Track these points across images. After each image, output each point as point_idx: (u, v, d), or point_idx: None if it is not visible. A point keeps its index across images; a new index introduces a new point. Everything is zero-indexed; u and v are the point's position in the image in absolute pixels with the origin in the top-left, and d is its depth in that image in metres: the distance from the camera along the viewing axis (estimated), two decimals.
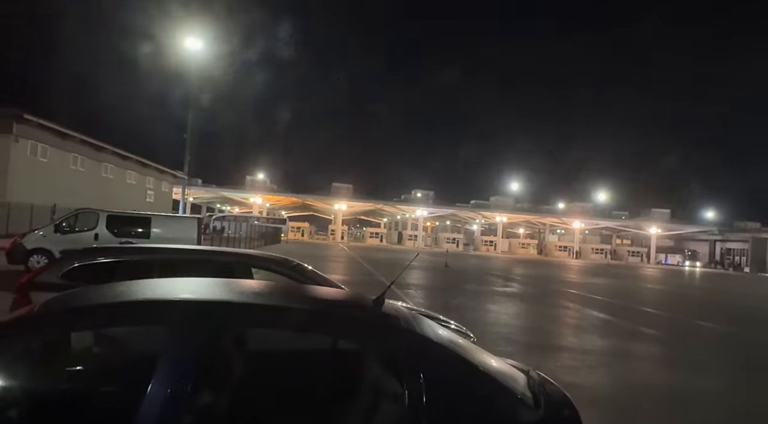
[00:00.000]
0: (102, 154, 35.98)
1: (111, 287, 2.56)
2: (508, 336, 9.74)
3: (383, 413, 2.15)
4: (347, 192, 76.37)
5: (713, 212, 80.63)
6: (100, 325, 2.31)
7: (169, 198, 50.54)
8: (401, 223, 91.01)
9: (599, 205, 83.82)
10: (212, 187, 76.27)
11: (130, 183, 40.99)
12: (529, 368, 2.61)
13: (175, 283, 2.66)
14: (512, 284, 22.40)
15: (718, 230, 77.14)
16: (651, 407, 6.19)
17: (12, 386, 2.07)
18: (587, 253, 76.46)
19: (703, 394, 6.77)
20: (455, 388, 2.07)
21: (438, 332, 2.40)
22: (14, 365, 2.14)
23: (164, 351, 1.99)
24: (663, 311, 16.08)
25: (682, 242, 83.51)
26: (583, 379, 6.96)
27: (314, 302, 2.62)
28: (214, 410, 2.13)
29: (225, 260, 5.57)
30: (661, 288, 27.54)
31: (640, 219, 79.86)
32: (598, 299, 17.90)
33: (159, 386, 1.88)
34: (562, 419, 2.23)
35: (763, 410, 6.22)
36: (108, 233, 14.53)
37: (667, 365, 8.53)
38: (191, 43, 26.21)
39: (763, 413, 6.13)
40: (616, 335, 10.77)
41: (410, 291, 15.89)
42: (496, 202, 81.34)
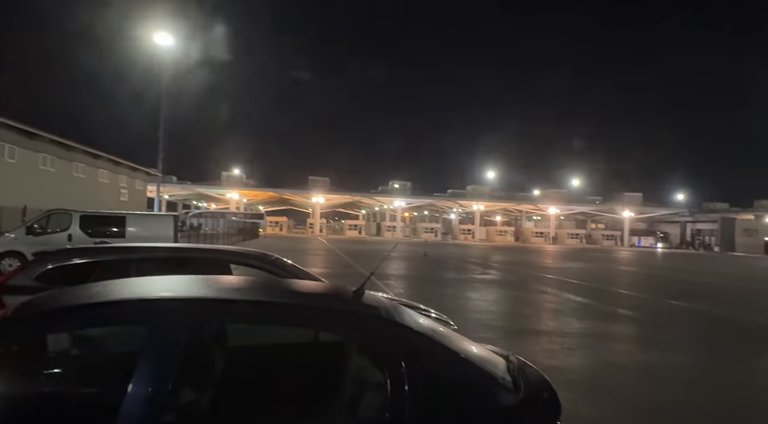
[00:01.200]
0: (72, 153, 35.11)
1: (87, 287, 2.53)
2: (488, 322, 9.87)
3: (366, 402, 2.18)
4: (324, 185, 76.01)
5: (683, 194, 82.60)
6: (77, 326, 2.28)
7: (144, 196, 49.65)
8: (379, 214, 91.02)
9: (574, 191, 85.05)
10: (187, 184, 75.14)
11: (102, 182, 40.13)
12: (509, 353, 2.66)
13: (152, 281, 2.64)
14: (490, 271, 22.65)
15: (688, 211, 79.00)
16: (628, 385, 6.37)
17: None
18: (563, 238, 77.61)
19: (676, 371, 6.97)
20: (437, 375, 2.11)
21: (418, 321, 2.43)
22: None
23: (144, 350, 1.98)
24: (637, 293, 16.46)
25: (654, 225, 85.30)
26: (562, 361, 7.10)
27: (294, 296, 2.62)
28: (196, 407, 2.13)
29: (203, 256, 5.52)
30: (634, 270, 28.15)
31: (613, 203, 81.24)
32: (575, 283, 18.23)
33: (139, 386, 1.88)
34: (541, 401, 2.28)
35: (731, 384, 6.44)
36: (82, 233, 14.26)
37: (642, 344, 8.75)
38: (162, 38, 25.71)
39: (731, 386, 6.35)
40: (593, 317, 11.00)
41: (390, 282, 15.96)
42: (472, 190, 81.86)
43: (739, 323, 11.12)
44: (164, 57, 26.66)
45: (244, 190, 75.14)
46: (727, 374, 6.93)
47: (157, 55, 26.41)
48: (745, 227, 70.73)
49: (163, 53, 26.37)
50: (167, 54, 26.60)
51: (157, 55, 26.43)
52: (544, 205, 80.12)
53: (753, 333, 9.96)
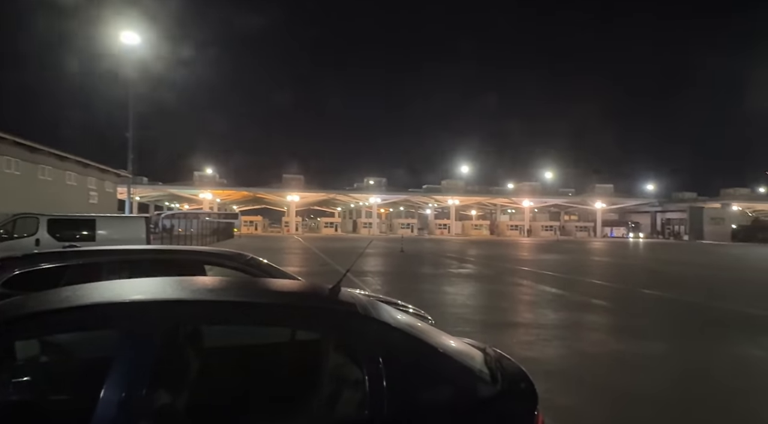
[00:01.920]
0: (37, 155, 34.14)
1: (55, 292, 2.47)
2: (466, 316, 9.95)
3: (345, 400, 2.18)
4: (299, 183, 75.54)
5: (653, 184, 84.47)
6: (46, 332, 2.23)
7: (114, 198, 48.63)
8: (355, 211, 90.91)
9: (547, 184, 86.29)
10: (159, 184, 73.83)
11: (70, 185, 39.14)
12: (486, 346, 2.68)
13: (123, 284, 2.59)
14: (467, 265, 22.83)
15: (658, 201, 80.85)
16: (602, 374, 6.48)
17: None
18: (537, 230, 78.70)
19: (649, 359, 7.14)
20: (415, 370, 2.11)
21: (395, 317, 2.44)
22: None
23: (116, 355, 1.94)
24: (610, 282, 16.79)
25: (625, 215, 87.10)
26: (538, 352, 7.21)
27: (270, 295, 2.60)
28: (172, 410, 2.10)
29: (176, 258, 5.44)
30: (607, 260, 28.71)
31: (585, 195, 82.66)
32: (550, 275, 18.51)
33: (112, 391, 1.84)
34: (518, 392, 2.31)
35: (703, 370, 6.62)
36: (50, 237, 13.94)
37: (616, 333, 8.93)
38: (128, 37, 25.17)
39: (703, 372, 6.53)
40: (568, 308, 11.18)
41: (367, 278, 15.96)
42: (447, 185, 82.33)
43: (708, 310, 11.44)
44: (131, 56, 26.13)
45: (217, 190, 74.19)
46: (699, 360, 7.12)
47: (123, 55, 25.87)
48: (712, 215, 72.74)
49: (129, 53, 25.83)
50: (134, 53, 26.07)
51: (124, 55, 25.88)
52: (518, 198, 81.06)
53: (722, 320, 10.25)
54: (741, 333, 8.75)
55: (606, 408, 5.22)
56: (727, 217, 71.82)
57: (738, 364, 6.87)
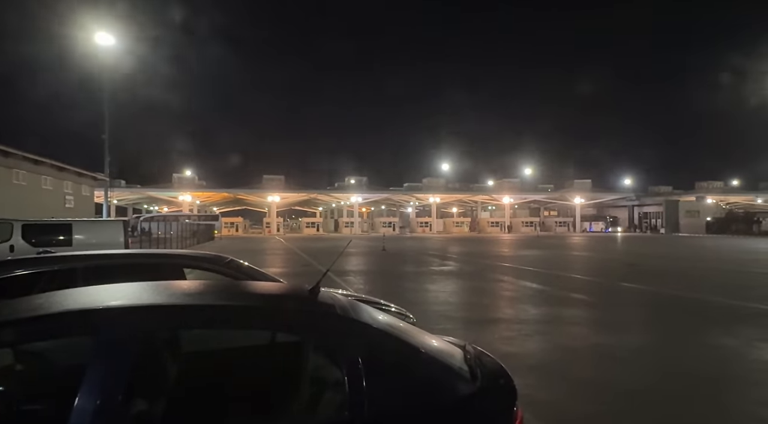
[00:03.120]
0: (11, 159, 33.40)
1: (29, 300, 2.42)
2: (447, 314, 10.01)
3: (325, 402, 2.18)
4: (279, 183, 75.06)
5: (630, 179, 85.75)
6: (20, 341, 2.19)
7: (91, 202, 47.77)
8: (337, 210, 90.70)
9: (526, 181, 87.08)
10: (137, 187, 72.74)
11: (45, 189, 38.36)
12: (465, 343, 2.70)
13: (99, 290, 2.55)
14: (448, 262, 22.95)
15: (635, 195, 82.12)
16: (582, 368, 6.58)
17: None
18: (518, 226, 79.40)
19: (629, 352, 7.25)
20: (395, 370, 2.13)
21: (375, 317, 2.44)
22: None
23: (92, 362, 1.91)
24: (590, 276, 17.02)
25: (603, 210, 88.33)
26: (519, 348, 7.28)
27: (249, 298, 2.59)
28: (150, 417, 2.08)
29: (155, 262, 5.38)
30: (587, 255, 29.10)
31: (564, 191, 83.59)
32: (530, 270, 18.69)
33: (87, 399, 1.82)
34: (497, 388, 2.34)
35: (682, 361, 6.75)
36: (24, 243, 13.66)
37: (596, 327, 9.06)
38: (102, 38, 24.75)
39: (682, 363, 6.66)
40: (549, 302, 11.31)
41: (349, 278, 15.96)
42: (428, 183, 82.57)
43: (686, 302, 11.66)
44: (106, 57, 25.70)
45: (196, 192, 73.37)
46: (679, 351, 7.26)
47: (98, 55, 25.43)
48: (687, 208, 74.19)
49: (104, 53, 25.41)
50: (109, 54, 25.65)
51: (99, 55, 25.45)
52: (498, 195, 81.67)
53: (699, 311, 10.47)
54: (718, 324, 8.95)
55: (587, 402, 5.29)
56: (702, 210, 73.30)
57: (715, 354, 7.02)
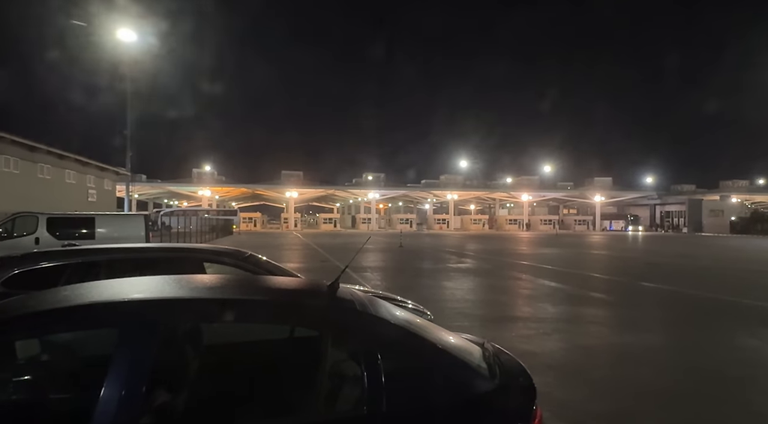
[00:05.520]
0: (36, 154, 34.11)
1: (55, 291, 2.47)
2: (464, 311, 9.98)
3: (343, 396, 2.19)
4: (298, 179, 75.47)
5: (652, 177, 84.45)
6: (47, 331, 2.24)
7: (113, 196, 48.60)
8: (354, 207, 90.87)
9: (545, 178, 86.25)
10: (157, 182, 73.73)
11: (69, 183, 39.11)
12: (484, 341, 2.69)
13: (123, 283, 2.60)
14: (466, 259, 22.86)
15: (657, 194, 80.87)
16: (602, 367, 6.52)
17: None
18: (536, 224, 78.74)
19: (649, 351, 7.16)
20: (413, 366, 2.13)
21: (393, 313, 2.45)
22: None
23: (116, 353, 1.95)
24: (610, 276, 16.82)
25: (624, 208, 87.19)
26: (537, 346, 7.23)
27: (268, 293, 2.61)
28: (172, 407, 2.11)
29: (175, 256, 5.45)
30: (607, 253, 28.75)
31: (584, 188, 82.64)
32: (549, 268, 18.54)
33: (112, 389, 1.85)
34: (516, 386, 2.33)
35: (702, 362, 6.65)
36: (49, 236, 13.95)
37: (615, 326, 8.96)
38: (125, 34, 25.09)
39: (702, 364, 6.55)
40: (567, 301, 11.21)
41: (367, 274, 15.99)
42: (446, 180, 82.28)
43: (708, 302, 11.47)
44: (128, 53, 26.05)
45: (216, 187, 74.14)
46: (699, 352, 7.15)
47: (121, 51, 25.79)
48: (711, 207, 72.87)
49: (127, 49, 25.76)
50: (131, 50, 25.99)
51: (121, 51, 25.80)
52: (516, 192, 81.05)
53: (722, 312, 10.29)
54: (742, 325, 8.78)
55: (607, 401, 5.24)
56: (726, 209, 71.93)
57: (738, 355, 6.89)
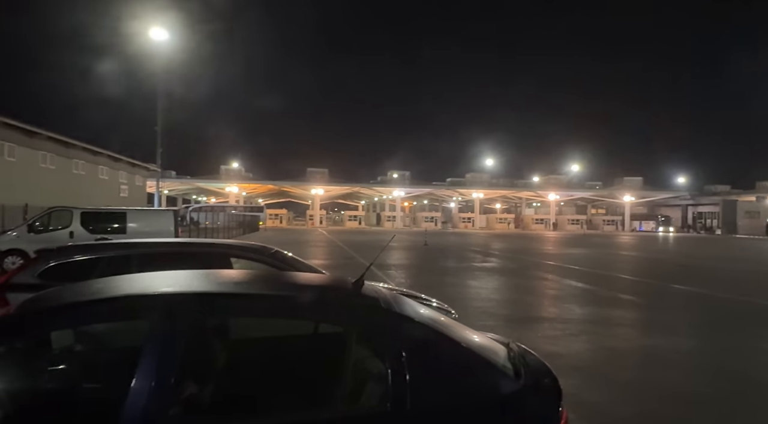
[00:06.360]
0: (71, 150, 35.10)
1: (89, 284, 2.55)
2: (489, 310, 9.91)
3: (368, 392, 2.19)
4: (323, 176, 75.93)
5: (684, 177, 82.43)
6: (81, 322, 2.30)
7: (144, 192, 49.70)
8: (379, 204, 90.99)
9: (573, 177, 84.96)
10: (186, 178, 75.09)
11: (102, 179, 40.14)
12: (509, 341, 2.67)
13: (154, 277, 2.65)
14: (491, 258, 22.69)
15: (689, 194, 78.88)
16: (630, 370, 6.40)
17: None
18: (563, 224, 77.64)
19: (679, 354, 7.00)
20: (437, 364, 2.12)
21: (418, 311, 2.45)
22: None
23: (147, 344, 1.99)
24: (639, 277, 16.49)
25: (654, 209, 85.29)
26: (564, 348, 7.14)
27: (295, 288, 2.64)
28: (200, 399, 2.15)
29: (204, 251, 5.56)
30: (636, 255, 28.20)
31: (613, 188, 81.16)
32: (576, 269, 18.27)
33: (144, 380, 1.89)
34: (542, 387, 2.30)
35: (732, 367, 6.47)
36: (83, 230, 14.33)
37: (644, 329, 8.79)
38: (157, 33, 25.56)
39: (732, 368, 6.38)
40: (595, 302, 11.03)
41: (391, 271, 16.00)
42: (471, 179, 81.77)
43: (741, 306, 11.16)
44: (160, 52, 26.54)
45: (243, 184, 75.10)
46: (730, 356, 6.96)
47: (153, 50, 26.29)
48: (747, 208, 70.72)
49: (159, 48, 26.25)
50: (163, 49, 26.47)
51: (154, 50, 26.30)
52: (543, 191, 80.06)
53: (755, 316, 10.00)
54: None
55: (634, 404, 5.15)
56: (763, 210, 69.67)
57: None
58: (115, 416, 1.85)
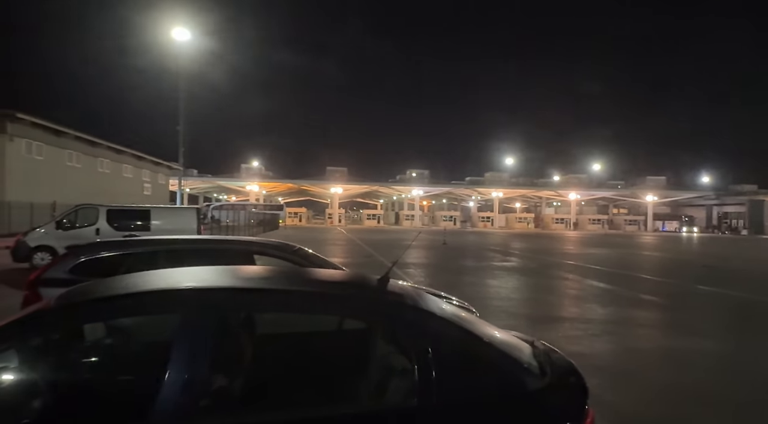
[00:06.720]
0: (97, 149, 35.79)
1: (123, 278, 2.61)
2: (510, 310, 9.86)
3: (394, 387, 2.22)
4: (342, 175, 76.22)
5: (709, 176, 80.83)
6: (117, 315, 2.37)
7: (166, 190, 50.46)
8: (398, 203, 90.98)
9: (594, 176, 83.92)
10: (208, 176, 76.06)
11: (126, 177, 40.85)
12: (534, 339, 2.68)
13: (183, 272, 2.71)
14: (510, 258, 22.55)
15: (715, 194, 77.29)
16: (654, 371, 6.32)
17: (33, 378, 2.14)
18: (584, 224, 76.74)
19: (704, 356, 6.90)
20: (463, 360, 2.14)
21: (442, 308, 2.47)
22: (34, 358, 2.21)
23: (179, 338, 2.04)
24: (662, 278, 16.24)
25: (678, 209, 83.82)
26: (586, 347, 7.08)
27: (321, 285, 2.68)
28: (230, 392, 2.20)
29: (227, 247, 5.63)
30: (659, 255, 27.76)
31: (635, 188, 79.98)
32: (597, 269, 18.07)
33: (176, 372, 1.94)
34: (567, 385, 2.30)
35: (756, 368, 6.36)
36: (108, 227, 14.60)
37: (668, 330, 8.67)
38: (179, 33, 25.92)
39: (756, 370, 6.26)
40: (617, 303, 10.90)
41: (410, 270, 16.00)
42: (491, 178, 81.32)
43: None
44: (182, 52, 26.90)
45: (263, 182, 75.76)
46: (756, 358, 6.84)
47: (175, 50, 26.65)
48: None
49: (181, 48, 26.61)
50: (185, 49, 26.83)
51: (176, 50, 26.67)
52: (564, 191, 79.23)
53: None
54: None
55: (657, 406, 5.09)
56: None
57: None
58: (148, 407, 1.90)
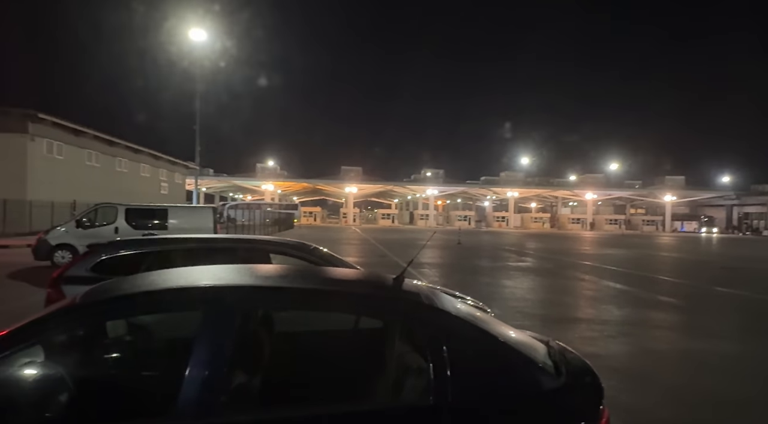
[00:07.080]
0: (115, 148, 36.29)
1: (144, 276, 2.67)
2: (525, 310, 9.83)
3: (410, 386, 2.24)
4: (357, 175, 76.37)
5: (729, 176, 79.51)
6: (141, 312, 2.42)
7: (183, 189, 50.96)
8: (412, 203, 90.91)
9: (611, 176, 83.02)
10: (224, 176, 76.73)
11: (143, 176, 41.36)
12: (549, 339, 2.68)
13: (203, 270, 2.76)
14: (526, 258, 22.43)
15: (735, 194, 76.02)
16: (670, 373, 6.27)
17: (59, 373, 2.19)
18: (601, 224, 75.99)
19: (721, 359, 6.82)
20: (478, 359, 2.15)
21: (458, 307, 2.48)
22: (60, 353, 2.27)
23: (199, 335, 2.08)
24: (680, 279, 16.05)
25: (697, 209, 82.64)
26: (602, 349, 7.04)
27: (337, 283, 2.71)
28: (250, 389, 2.24)
29: (243, 246, 5.69)
30: (677, 256, 27.40)
31: (653, 187, 79.00)
32: (614, 270, 17.90)
33: (198, 368, 1.99)
34: (583, 385, 2.31)
35: None
36: (127, 225, 14.82)
37: (685, 332, 8.57)
38: (196, 34, 26.18)
39: None
40: (634, 304, 10.81)
41: (425, 270, 16.00)
42: (506, 177, 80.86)
43: None
44: (198, 52, 27.17)
45: (278, 182, 76.21)
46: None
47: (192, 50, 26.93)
48: None
49: (197, 49, 26.87)
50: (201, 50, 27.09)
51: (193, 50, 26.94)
52: (580, 190, 78.54)
53: None
54: None
55: (674, 408, 5.05)
56: None
57: None
58: (169, 403, 1.94)
